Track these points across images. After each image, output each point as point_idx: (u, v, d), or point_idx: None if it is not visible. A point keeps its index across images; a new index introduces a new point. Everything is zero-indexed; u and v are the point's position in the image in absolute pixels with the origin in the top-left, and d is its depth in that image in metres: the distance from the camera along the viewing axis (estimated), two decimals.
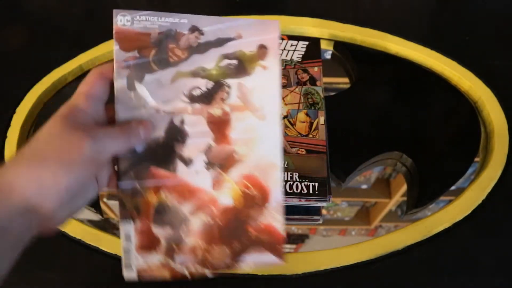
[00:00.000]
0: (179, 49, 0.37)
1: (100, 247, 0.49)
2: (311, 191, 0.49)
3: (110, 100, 0.36)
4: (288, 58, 0.61)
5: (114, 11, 0.36)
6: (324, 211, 0.55)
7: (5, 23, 0.76)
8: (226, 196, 0.37)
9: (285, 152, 0.52)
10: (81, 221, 0.52)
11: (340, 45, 0.70)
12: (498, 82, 0.63)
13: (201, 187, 0.37)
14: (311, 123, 0.54)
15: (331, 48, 0.71)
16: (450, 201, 0.53)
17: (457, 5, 0.78)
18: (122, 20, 0.36)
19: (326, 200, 0.49)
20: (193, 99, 0.37)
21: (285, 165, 0.51)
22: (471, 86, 0.63)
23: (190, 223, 0.36)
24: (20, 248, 0.30)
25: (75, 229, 0.50)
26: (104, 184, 0.35)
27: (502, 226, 0.51)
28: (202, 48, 0.37)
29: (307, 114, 0.55)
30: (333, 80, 0.69)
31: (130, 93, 0.36)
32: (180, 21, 0.36)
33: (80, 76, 0.67)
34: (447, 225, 0.51)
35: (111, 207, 0.61)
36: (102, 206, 0.55)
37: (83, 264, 0.49)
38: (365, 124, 0.61)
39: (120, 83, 0.36)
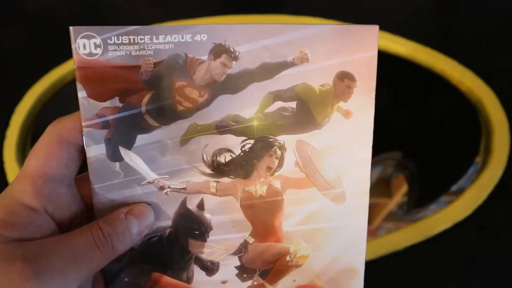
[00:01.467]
0: (194, 88, 0.22)
1: None
2: None
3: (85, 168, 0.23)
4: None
5: (72, 28, 0.21)
6: None
7: (5, 23, 0.76)
8: None
9: None
10: None
11: None
12: (499, 82, 0.63)
13: None
14: None
15: None
16: (450, 202, 0.53)
17: (457, 5, 0.78)
18: (87, 45, 0.21)
19: None
20: (219, 169, 0.23)
21: None
22: (471, 86, 0.63)
23: None
24: None
25: None
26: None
27: (502, 226, 0.51)
28: (236, 82, 0.22)
29: None
30: None
31: (114, 164, 0.23)
32: (194, 38, 0.21)
33: None
34: (447, 225, 0.50)
35: None
36: None
37: None
38: None
39: (94, 152, 0.22)
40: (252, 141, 0.23)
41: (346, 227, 0.23)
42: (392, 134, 0.60)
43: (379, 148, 0.57)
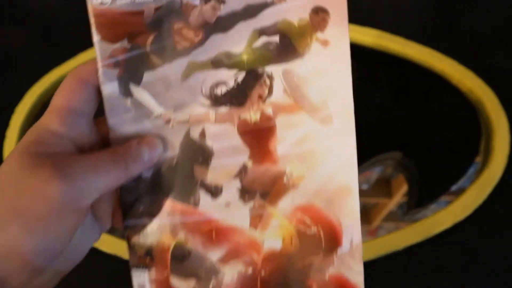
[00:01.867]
0: (190, 29, 0.25)
1: (100, 247, 0.49)
2: None
3: (102, 112, 0.27)
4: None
5: None
6: None
7: (5, 23, 0.76)
8: (274, 238, 0.26)
9: None
10: None
11: None
12: (499, 82, 0.63)
13: (235, 226, 0.26)
14: None
15: None
16: (450, 201, 0.53)
17: (457, 5, 0.78)
18: None
19: None
20: (216, 100, 0.25)
21: None
22: (471, 86, 0.63)
23: (222, 275, 0.26)
24: None
25: None
26: (107, 222, 0.27)
27: (503, 226, 0.51)
28: (224, 23, 0.25)
29: None
30: None
31: (126, 100, 0.26)
32: None
33: None
34: (448, 225, 0.50)
35: None
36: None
37: (83, 264, 0.49)
38: (365, 124, 0.61)
39: (109, 89, 0.26)
40: (243, 73, 0.25)
41: (337, 148, 0.25)
42: (392, 134, 0.60)
43: (379, 148, 0.57)
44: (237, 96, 0.25)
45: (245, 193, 0.26)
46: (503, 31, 0.72)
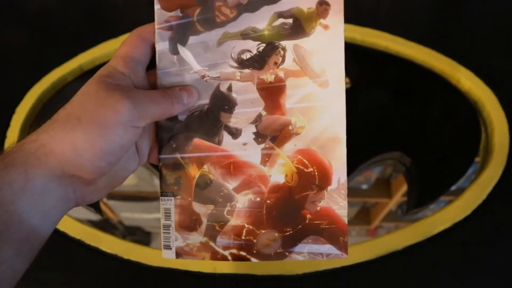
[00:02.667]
0: (227, 7, 0.32)
1: (100, 247, 0.49)
2: None
3: (152, 66, 0.34)
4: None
5: None
6: None
7: (5, 23, 0.76)
8: (279, 174, 0.32)
9: None
10: (81, 221, 0.52)
11: None
12: (498, 82, 0.63)
13: (249, 162, 0.33)
14: None
15: None
16: (450, 201, 0.53)
17: (457, 5, 0.78)
18: None
19: None
20: (242, 63, 0.33)
21: None
22: (471, 86, 0.63)
23: (235, 201, 0.33)
24: (58, 218, 0.28)
25: (75, 229, 0.50)
26: (145, 156, 0.33)
27: (502, 226, 0.51)
28: (253, 5, 0.32)
29: None
30: None
31: (173, 57, 0.33)
32: None
33: (80, 76, 0.67)
34: (447, 225, 0.51)
35: (111, 207, 0.61)
36: (102, 206, 0.55)
37: (83, 264, 0.49)
38: (365, 124, 0.61)
39: (161, 46, 0.33)
40: (264, 45, 0.32)
41: (331, 106, 0.32)
42: (392, 134, 0.60)
43: (379, 148, 0.58)
44: (258, 61, 0.33)
45: (259, 136, 0.33)
46: (503, 31, 0.72)
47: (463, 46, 0.69)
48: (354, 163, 0.56)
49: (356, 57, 0.68)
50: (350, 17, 0.73)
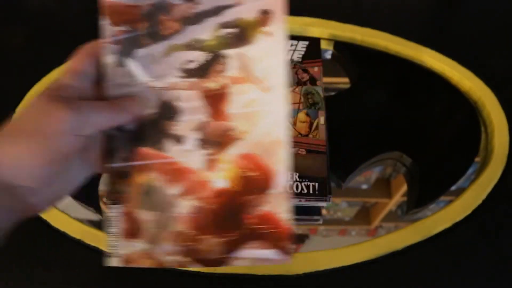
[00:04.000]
0: (172, 21, 0.34)
1: (100, 247, 0.49)
2: (311, 191, 0.49)
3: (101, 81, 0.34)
4: (288, 58, 0.60)
5: None
6: (324, 211, 0.55)
7: (5, 23, 0.76)
8: (221, 178, 0.33)
9: None
10: (81, 221, 0.52)
11: (340, 45, 0.70)
12: (498, 82, 0.63)
13: (192, 168, 0.33)
14: (311, 123, 0.54)
15: (331, 48, 0.70)
16: (450, 201, 0.53)
17: (457, 5, 0.78)
18: None
19: (326, 200, 0.49)
20: (187, 73, 0.34)
21: None
22: (471, 86, 0.63)
23: (178, 207, 0.33)
24: (5, 230, 0.29)
25: (75, 229, 0.50)
26: (94, 165, 0.33)
27: (502, 226, 0.51)
28: (198, 18, 0.33)
29: (307, 114, 0.55)
30: (333, 80, 0.69)
31: (121, 69, 0.34)
32: None
33: None
34: (447, 225, 0.51)
35: None
36: (102, 206, 0.55)
37: (83, 264, 0.49)
38: (365, 124, 0.61)
39: (110, 60, 0.34)
40: (208, 55, 0.34)
41: (273, 110, 0.33)
42: (392, 134, 0.60)
43: (379, 148, 0.58)
44: (202, 71, 0.34)
45: (203, 142, 0.33)
46: (503, 31, 0.72)
47: (463, 46, 0.69)
48: (354, 163, 0.56)
49: (356, 57, 0.68)
50: (350, 17, 0.73)
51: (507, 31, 0.72)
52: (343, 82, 0.68)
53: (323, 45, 0.69)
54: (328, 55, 0.71)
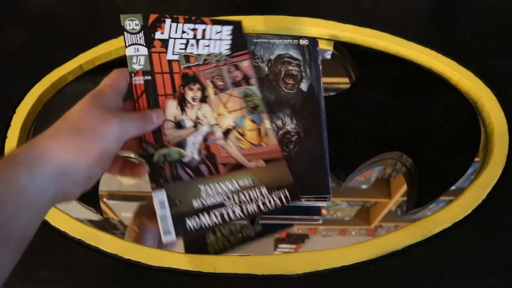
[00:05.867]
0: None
1: (100, 247, 0.49)
2: (284, 201, 0.46)
3: (127, 97, 0.43)
4: (216, 50, 0.51)
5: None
6: (324, 211, 0.55)
7: (5, 23, 0.76)
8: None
9: (245, 167, 0.47)
10: (81, 221, 0.52)
11: (340, 45, 0.70)
12: (498, 82, 0.63)
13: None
14: (259, 130, 0.50)
15: (331, 48, 0.71)
16: (450, 201, 0.53)
17: (457, 5, 0.78)
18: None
19: (326, 200, 0.49)
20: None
21: (250, 182, 0.46)
22: (471, 86, 0.63)
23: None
24: (46, 213, 0.34)
25: (75, 229, 0.50)
26: (106, 168, 0.39)
27: (502, 226, 0.51)
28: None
29: (252, 121, 0.50)
30: (333, 80, 0.69)
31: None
32: None
33: (80, 76, 0.67)
34: (447, 225, 0.51)
35: (111, 207, 0.61)
36: (102, 206, 0.55)
37: (83, 264, 0.49)
38: (365, 124, 0.61)
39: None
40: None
41: None
42: (392, 134, 0.60)
43: (378, 148, 0.58)
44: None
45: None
46: (503, 31, 0.72)
47: (463, 46, 0.69)
48: (354, 163, 0.56)
49: (356, 57, 0.68)
50: (350, 17, 0.73)
51: (507, 31, 0.72)
52: (343, 82, 0.68)
53: (323, 45, 0.69)
54: (328, 55, 0.71)
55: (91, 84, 0.67)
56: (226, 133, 0.48)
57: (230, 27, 0.52)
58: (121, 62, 0.48)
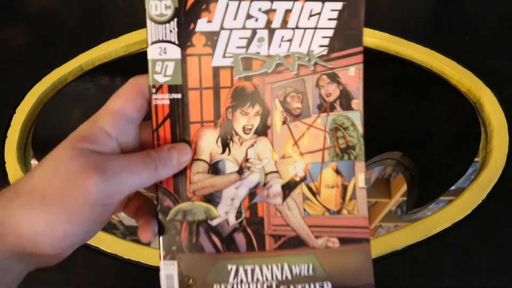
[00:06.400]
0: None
1: (100, 247, 0.49)
2: None
3: (147, 117, 0.30)
4: (304, 48, 0.31)
5: None
6: None
7: (5, 23, 0.76)
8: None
9: (307, 246, 0.31)
10: None
11: None
12: (498, 82, 0.63)
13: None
14: (345, 188, 0.32)
15: None
16: (450, 201, 0.53)
17: (457, 5, 0.78)
18: None
19: None
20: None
21: (310, 271, 0.31)
22: (471, 86, 0.63)
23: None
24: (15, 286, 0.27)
25: None
26: (112, 213, 0.30)
27: (502, 226, 0.51)
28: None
29: (337, 171, 0.32)
30: None
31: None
32: None
33: (80, 76, 0.67)
34: (447, 225, 0.51)
35: None
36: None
37: (83, 264, 0.49)
38: (365, 124, 0.61)
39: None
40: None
41: None
42: (392, 134, 0.60)
43: (378, 148, 0.58)
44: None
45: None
46: (503, 31, 0.72)
47: (463, 46, 0.69)
48: None
49: None
50: None
51: (507, 31, 0.72)
52: None
53: None
54: None
55: (91, 84, 0.67)
56: (289, 187, 0.31)
57: (339, 4, 0.30)
58: (122, 62, 0.48)
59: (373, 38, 0.69)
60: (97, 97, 0.66)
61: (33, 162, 0.59)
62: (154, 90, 0.29)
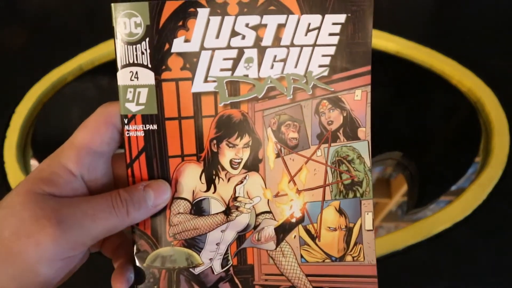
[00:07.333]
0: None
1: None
2: None
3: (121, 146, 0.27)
4: (301, 69, 0.27)
5: None
6: None
7: (5, 23, 0.76)
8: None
9: None
10: None
11: None
12: (498, 82, 0.63)
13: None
14: (349, 230, 0.29)
15: None
16: (450, 201, 0.53)
17: (457, 5, 0.78)
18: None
19: None
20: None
21: None
22: (471, 86, 0.63)
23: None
24: None
25: None
26: (96, 247, 0.28)
27: (502, 226, 0.51)
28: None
29: (340, 211, 0.28)
30: None
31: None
32: None
33: (80, 76, 0.67)
34: (447, 225, 0.51)
35: None
36: None
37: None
38: None
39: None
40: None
41: None
42: (392, 134, 0.60)
43: (379, 148, 0.57)
44: None
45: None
46: (503, 31, 0.72)
47: (463, 46, 0.69)
48: None
49: None
50: None
51: (507, 31, 0.72)
52: None
53: None
54: None
55: (90, 84, 0.67)
56: (284, 230, 0.27)
57: (342, 16, 0.28)
58: None
59: (374, 38, 0.69)
60: (96, 97, 0.66)
61: (32, 162, 0.58)
62: (126, 121, 0.25)
